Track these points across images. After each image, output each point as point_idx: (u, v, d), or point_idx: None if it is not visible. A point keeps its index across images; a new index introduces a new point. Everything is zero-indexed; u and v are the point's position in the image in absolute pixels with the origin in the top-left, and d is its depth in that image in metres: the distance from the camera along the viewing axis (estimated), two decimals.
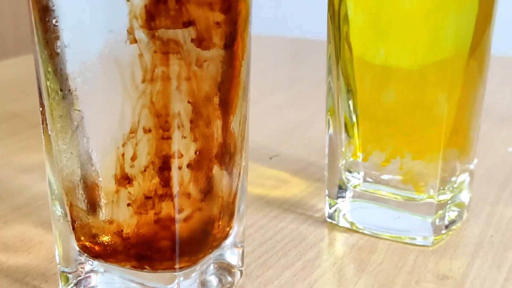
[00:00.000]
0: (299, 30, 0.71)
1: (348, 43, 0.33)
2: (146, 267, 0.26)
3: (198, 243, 0.26)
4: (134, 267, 0.26)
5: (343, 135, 0.34)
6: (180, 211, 0.24)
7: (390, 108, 0.32)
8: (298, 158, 0.43)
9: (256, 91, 0.57)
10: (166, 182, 0.23)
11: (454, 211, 0.34)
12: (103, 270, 0.27)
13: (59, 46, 0.24)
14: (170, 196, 0.23)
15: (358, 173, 0.34)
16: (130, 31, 0.23)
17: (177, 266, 0.25)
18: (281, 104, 0.55)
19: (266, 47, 0.76)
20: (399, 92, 0.32)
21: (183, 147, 0.23)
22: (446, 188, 0.32)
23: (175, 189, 0.23)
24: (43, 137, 0.27)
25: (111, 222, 0.25)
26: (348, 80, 0.33)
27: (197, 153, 0.24)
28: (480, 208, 0.36)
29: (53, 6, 0.24)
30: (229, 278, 0.28)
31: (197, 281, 0.27)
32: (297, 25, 0.81)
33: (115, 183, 0.24)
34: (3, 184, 0.39)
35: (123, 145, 0.24)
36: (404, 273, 0.30)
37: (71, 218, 0.27)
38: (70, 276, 0.27)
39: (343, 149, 0.34)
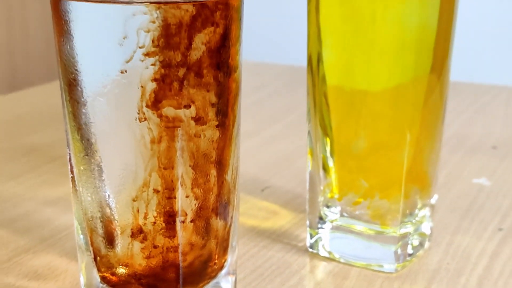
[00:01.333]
0: (295, 57, 0.77)
1: (326, 98, 0.39)
2: None
3: (199, 275, 0.32)
4: None
5: (321, 174, 0.40)
6: (184, 257, 0.30)
7: (361, 155, 0.38)
8: (287, 190, 0.49)
9: (252, 123, 0.63)
10: (172, 235, 0.29)
11: (416, 240, 0.40)
12: None
13: (85, 121, 0.30)
14: (176, 248, 0.29)
15: (335, 208, 0.40)
16: (140, 111, 0.29)
17: None
18: (275, 135, 0.61)
19: (262, 75, 0.82)
20: (368, 138, 0.38)
21: (186, 205, 0.29)
22: (407, 221, 0.38)
23: (180, 240, 0.29)
24: (70, 178, 0.32)
25: (125, 264, 0.31)
26: (325, 130, 0.39)
27: (198, 208, 0.30)
28: (442, 237, 0.42)
29: (80, 82, 0.30)
30: None
31: None
32: (292, 52, 0.87)
33: (130, 234, 0.30)
34: (30, 216, 0.45)
35: (135, 199, 0.30)
36: None
37: (93, 251, 0.33)
38: None
39: (321, 188, 0.40)
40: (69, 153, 0.32)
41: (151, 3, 0.29)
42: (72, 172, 0.32)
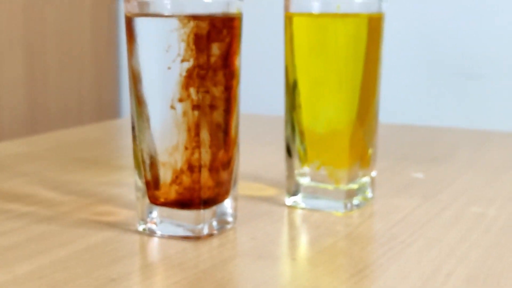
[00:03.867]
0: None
1: (299, 100, 0.58)
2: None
3: (213, 200, 0.51)
4: (180, 208, 0.51)
5: (295, 161, 0.59)
6: (204, 191, 0.50)
7: (320, 139, 0.58)
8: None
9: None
10: (196, 178, 0.49)
11: (360, 199, 0.58)
12: (160, 220, 0.52)
13: (143, 98, 0.50)
14: (199, 186, 0.49)
15: (306, 177, 0.59)
16: (176, 94, 0.49)
17: (202, 208, 0.50)
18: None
19: (253, 126, 1.02)
20: (324, 126, 0.57)
21: (205, 158, 0.49)
22: (352, 183, 0.57)
23: (201, 181, 0.49)
24: (132, 137, 0.52)
25: (165, 194, 0.50)
26: (301, 131, 0.58)
27: (212, 160, 0.50)
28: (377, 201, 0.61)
29: (141, 75, 0.50)
30: (230, 219, 0.53)
31: (213, 218, 0.51)
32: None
33: (169, 174, 0.50)
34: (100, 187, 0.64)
35: (172, 153, 0.50)
36: (325, 225, 0.54)
37: (145, 185, 0.52)
38: (142, 222, 0.52)
39: (298, 166, 0.59)
40: (133, 122, 0.52)
41: (185, 16, 0.49)
42: (134, 131, 0.52)
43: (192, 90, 0.50)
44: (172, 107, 0.50)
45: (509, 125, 1.15)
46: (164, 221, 0.51)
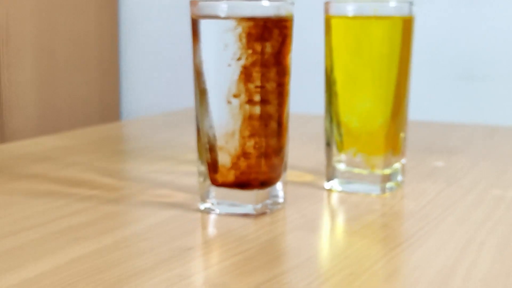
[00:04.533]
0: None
1: (336, 93, 0.65)
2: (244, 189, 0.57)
3: (268, 183, 0.57)
4: (239, 188, 0.57)
5: (334, 150, 0.65)
6: (260, 175, 0.56)
7: (358, 137, 0.64)
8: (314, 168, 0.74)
9: None
10: (252, 163, 0.55)
11: (391, 183, 0.65)
12: (216, 202, 0.58)
13: (205, 91, 0.56)
14: (255, 170, 0.55)
15: (342, 163, 0.65)
16: (234, 89, 0.55)
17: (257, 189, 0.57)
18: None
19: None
20: (360, 120, 0.64)
21: (259, 146, 0.55)
22: (387, 168, 0.64)
23: (258, 166, 0.55)
24: (196, 130, 0.58)
25: (224, 178, 0.56)
26: (338, 122, 0.65)
27: (266, 147, 0.56)
28: (407, 185, 0.67)
29: (204, 71, 0.56)
30: (280, 200, 0.59)
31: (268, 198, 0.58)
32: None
33: (227, 160, 0.56)
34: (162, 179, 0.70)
35: (227, 141, 0.56)
36: (365, 205, 0.61)
37: (208, 167, 0.58)
38: (203, 202, 0.58)
39: (334, 155, 0.66)
40: (197, 112, 0.58)
41: (241, 18, 0.55)
42: (197, 120, 0.58)
43: (247, 86, 0.56)
44: (229, 102, 0.56)
45: None
46: (223, 201, 0.58)
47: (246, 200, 0.57)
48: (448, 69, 1.31)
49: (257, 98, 0.56)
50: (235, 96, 0.56)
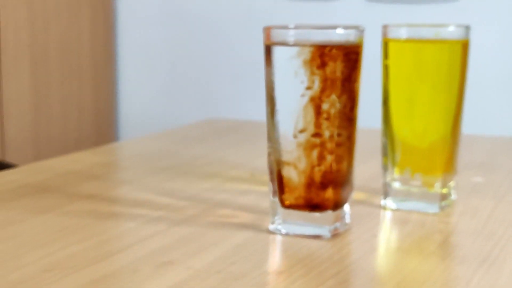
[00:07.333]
0: None
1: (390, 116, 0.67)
2: (316, 211, 0.58)
3: (339, 203, 0.59)
4: (310, 210, 0.58)
5: (390, 168, 0.67)
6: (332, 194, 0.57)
7: (417, 153, 0.66)
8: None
9: None
10: (324, 180, 0.57)
11: (448, 200, 0.67)
12: (281, 220, 0.59)
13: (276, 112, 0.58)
14: (326, 183, 0.57)
15: (398, 182, 0.67)
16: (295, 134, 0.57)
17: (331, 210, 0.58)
18: None
19: None
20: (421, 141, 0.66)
21: (333, 167, 0.57)
22: (444, 187, 0.66)
23: (330, 181, 0.57)
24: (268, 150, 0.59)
25: (294, 193, 0.58)
26: (394, 141, 0.67)
27: (338, 160, 0.58)
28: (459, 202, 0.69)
29: (275, 95, 0.58)
30: (348, 221, 0.61)
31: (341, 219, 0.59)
32: None
33: (301, 180, 0.57)
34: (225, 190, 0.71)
35: (291, 162, 0.57)
36: (429, 224, 0.63)
37: (277, 187, 0.59)
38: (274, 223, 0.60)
39: (390, 173, 0.67)
40: (269, 134, 0.60)
41: (310, 45, 0.57)
42: (269, 142, 0.60)
43: (316, 115, 0.57)
44: (295, 136, 0.58)
45: None
46: (293, 222, 0.59)
47: (321, 222, 0.59)
48: None
49: (324, 132, 0.58)
50: (301, 131, 0.57)
